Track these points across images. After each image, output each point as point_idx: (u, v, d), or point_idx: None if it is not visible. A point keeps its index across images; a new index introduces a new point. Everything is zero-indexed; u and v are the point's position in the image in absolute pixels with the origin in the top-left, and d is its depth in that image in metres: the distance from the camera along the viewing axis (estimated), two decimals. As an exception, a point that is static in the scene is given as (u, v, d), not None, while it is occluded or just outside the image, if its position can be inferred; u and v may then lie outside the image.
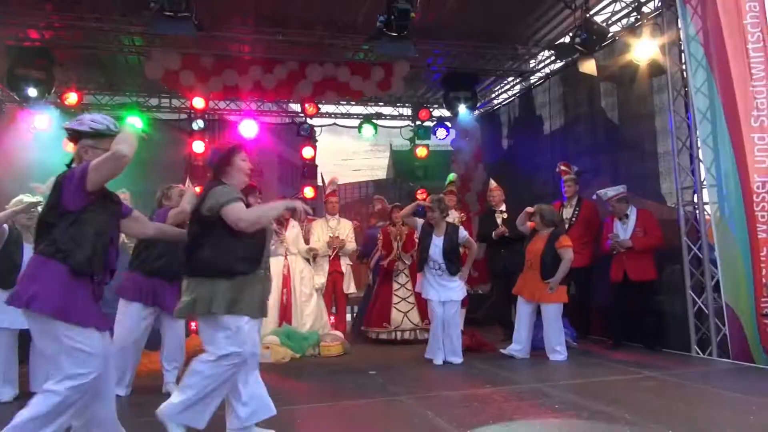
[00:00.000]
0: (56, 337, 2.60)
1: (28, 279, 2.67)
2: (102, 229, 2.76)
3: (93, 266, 2.71)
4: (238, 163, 3.19)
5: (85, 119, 2.90)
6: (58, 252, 2.64)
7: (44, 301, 2.58)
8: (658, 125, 6.29)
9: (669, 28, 6.04)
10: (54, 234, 2.68)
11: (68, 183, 2.70)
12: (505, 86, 9.87)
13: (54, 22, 7.04)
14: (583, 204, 6.78)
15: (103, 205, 2.81)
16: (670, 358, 5.56)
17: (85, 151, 2.83)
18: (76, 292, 2.66)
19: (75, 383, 2.58)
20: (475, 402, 4.05)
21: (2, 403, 4.35)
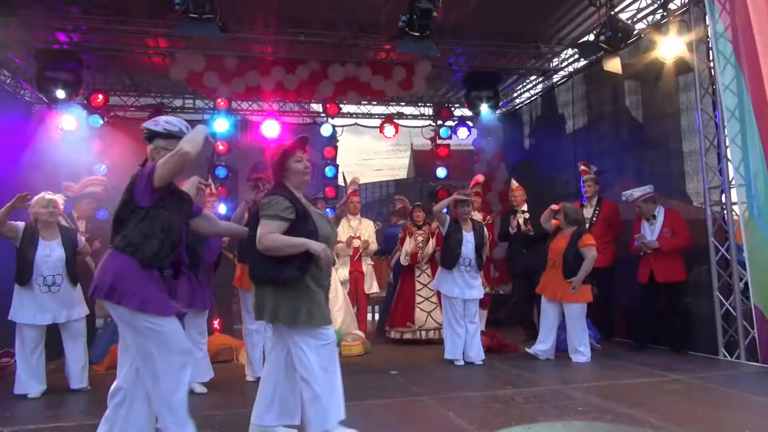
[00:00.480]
0: (139, 326, 2.76)
1: (104, 272, 2.81)
2: (170, 225, 2.89)
3: (160, 260, 2.85)
4: (293, 166, 3.21)
5: (160, 121, 3.04)
6: (128, 246, 2.79)
7: (122, 293, 2.74)
8: (684, 124, 6.18)
9: (696, 25, 5.93)
10: (126, 229, 2.83)
11: (139, 181, 2.85)
12: (527, 85, 9.79)
13: (81, 25, 7.17)
14: (604, 203, 6.73)
15: (172, 203, 2.94)
16: (696, 361, 5.47)
17: (157, 151, 2.96)
18: (150, 284, 2.81)
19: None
20: (496, 403, 4.03)
21: (30, 398, 4.46)
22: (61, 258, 4.60)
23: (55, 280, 4.56)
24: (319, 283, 3.12)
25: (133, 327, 2.78)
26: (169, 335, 2.80)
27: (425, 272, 7.10)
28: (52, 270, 4.56)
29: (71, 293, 4.68)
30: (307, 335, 3.04)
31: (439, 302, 6.81)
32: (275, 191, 3.16)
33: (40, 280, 4.52)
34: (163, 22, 7.01)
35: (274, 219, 3.02)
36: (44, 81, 7.32)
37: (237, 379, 5.03)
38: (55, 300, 4.58)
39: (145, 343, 2.78)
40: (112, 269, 2.79)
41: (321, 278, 3.14)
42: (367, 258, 7.31)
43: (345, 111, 10.27)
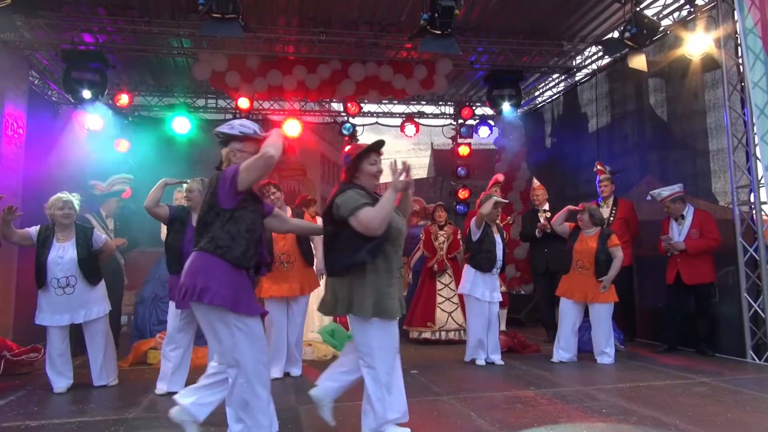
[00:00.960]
0: (228, 326, 2.85)
1: (195, 274, 2.87)
2: (252, 226, 2.98)
3: (248, 260, 2.94)
4: (366, 168, 3.25)
5: (235, 124, 3.12)
6: (218, 248, 2.87)
7: (214, 294, 2.81)
8: (711, 122, 6.06)
9: (724, 21, 5.82)
10: (212, 232, 2.91)
11: (222, 184, 2.92)
12: (549, 83, 9.70)
13: (107, 26, 7.28)
14: (620, 203, 6.66)
15: (252, 204, 3.02)
16: (723, 364, 5.37)
17: (233, 154, 3.06)
18: (240, 284, 2.90)
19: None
20: (518, 404, 3.99)
21: (57, 393, 4.54)
22: (73, 259, 4.59)
23: (68, 281, 4.57)
24: (391, 270, 3.14)
25: (225, 324, 2.86)
26: (256, 334, 2.91)
27: (447, 272, 7.07)
28: (66, 271, 4.56)
29: (88, 293, 4.67)
30: (376, 326, 3.07)
31: (460, 303, 6.79)
32: (346, 187, 3.19)
33: (54, 282, 4.54)
34: (186, 22, 7.10)
35: (364, 206, 3.03)
36: (71, 81, 7.45)
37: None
38: (71, 301, 4.59)
39: (235, 341, 2.85)
40: (203, 271, 2.86)
41: (393, 263, 3.16)
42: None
43: (366, 110, 10.30)
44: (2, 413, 3.95)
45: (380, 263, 3.08)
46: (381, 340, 3.07)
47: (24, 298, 6.08)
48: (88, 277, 4.67)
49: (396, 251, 3.19)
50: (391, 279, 3.12)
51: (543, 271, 6.88)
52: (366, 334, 3.08)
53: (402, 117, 10.27)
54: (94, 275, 4.73)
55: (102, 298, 4.79)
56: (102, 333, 4.77)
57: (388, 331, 3.10)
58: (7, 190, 6.38)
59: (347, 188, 3.15)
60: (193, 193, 4.55)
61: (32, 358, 5.44)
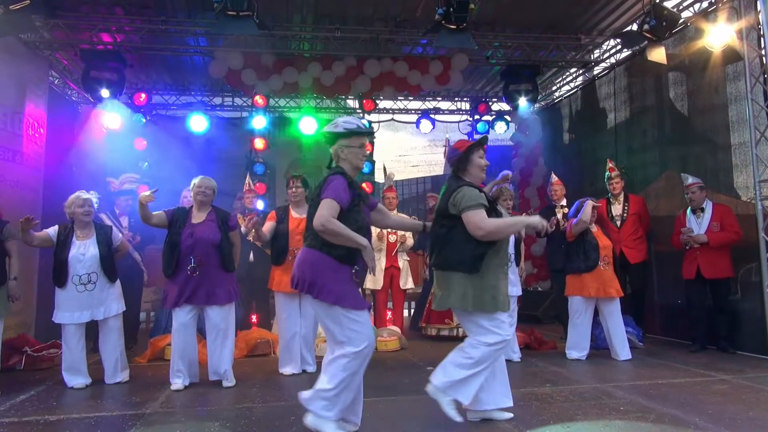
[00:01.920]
0: (337, 320, 3.02)
1: (304, 268, 3.06)
2: (362, 223, 3.12)
3: (353, 256, 3.05)
4: (476, 161, 3.38)
5: (339, 122, 3.22)
6: (324, 245, 3.02)
7: (321, 289, 3.00)
8: (733, 115, 5.94)
9: (747, 12, 5.69)
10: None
11: (333, 185, 3.05)
12: (567, 78, 9.59)
13: (124, 25, 7.37)
14: (631, 199, 6.60)
15: (358, 201, 3.13)
16: (744, 361, 5.26)
17: (341, 150, 3.18)
18: (345, 280, 3.04)
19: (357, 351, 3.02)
20: (534, 401, 3.96)
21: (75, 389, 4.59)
22: (95, 256, 4.66)
23: (90, 278, 4.62)
24: (502, 266, 3.34)
25: (332, 318, 3.02)
26: (361, 325, 3.04)
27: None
28: (87, 268, 4.63)
29: (108, 290, 4.73)
30: (487, 319, 3.27)
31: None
32: (460, 183, 3.33)
33: (76, 279, 4.60)
34: (202, 20, 7.16)
35: (479, 207, 3.21)
36: (89, 81, 7.54)
37: (274, 372, 5.08)
38: (92, 298, 4.64)
39: (342, 331, 3.02)
40: (311, 265, 3.03)
41: (503, 257, 3.37)
42: (404, 254, 7.27)
43: (381, 106, 10.26)
44: (23, 407, 4.01)
45: (493, 259, 3.26)
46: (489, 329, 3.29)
47: (45, 296, 6.17)
48: (109, 275, 4.74)
49: (506, 246, 3.41)
50: (501, 272, 3.33)
51: (560, 268, 6.79)
52: (479, 326, 3.29)
53: (418, 113, 10.24)
54: (113, 273, 4.80)
55: (119, 296, 4.85)
56: (117, 331, 4.82)
57: (496, 320, 3.30)
58: (29, 190, 6.50)
59: (462, 184, 3.31)
60: (208, 190, 4.61)
61: (52, 353, 5.53)
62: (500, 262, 3.32)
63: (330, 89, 8.32)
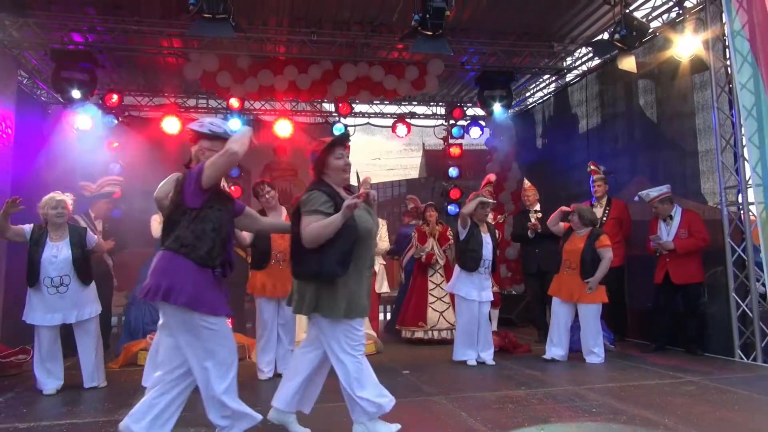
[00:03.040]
0: (193, 326, 2.84)
1: (158, 273, 2.86)
2: (219, 225, 2.96)
3: (213, 260, 2.92)
4: (333, 163, 3.25)
5: (205, 122, 3.11)
6: (182, 247, 2.85)
7: (178, 294, 2.79)
8: (700, 123, 6.11)
9: (713, 23, 5.87)
10: (178, 230, 2.89)
11: (188, 182, 2.91)
12: (540, 84, 9.74)
13: (96, 25, 7.23)
14: (613, 203, 6.70)
15: (219, 203, 3.00)
16: (711, 363, 5.41)
17: (202, 152, 3.05)
18: (204, 284, 2.87)
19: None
20: (509, 404, 4.01)
21: (46, 395, 4.51)
22: (68, 258, 4.58)
23: (62, 280, 4.55)
24: (360, 271, 3.15)
25: (188, 326, 2.85)
26: (220, 334, 2.89)
27: (438, 272, 7.09)
28: (59, 270, 4.55)
29: (81, 293, 4.66)
30: (344, 325, 3.09)
31: (451, 302, 6.81)
32: (314, 186, 3.21)
33: (48, 281, 4.52)
34: (177, 22, 7.08)
35: (313, 213, 3.06)
36: (60, 81, 7.38)
37: (249, 377, 5.04)
38: (64, 300, 4.57)
39: (199, 341, 2.84)
40: (167, 270, 2.85)
41: (362, 266, 3.17)
42: (379, 257, 7.30)
43: (357, 110, 10.28)
44: (-10, 415, 3.92)
45: (350, 268, 3.09)
46: (347, 338, 3.11)
47: (12, 300, 6.04)
48: (82, 277, 4.66)
49: (366, 252, 3.19)
50: (361, 279, 3.14)
51: (534, 272, 6.91)
52: (335, 333, 3.09)
53: (393, 117, 10.27)
54: (87, 275, 4.72)
55: (94, 298, 4.78)
56: (93, 334, 4.75)
57: (353, 329, 3.13)
58: (-4, 191, 6.34)
59: (315, 188, 3.17)
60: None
61: (21, 359, 5.40)
62: (358, 267, 3.12)
63: (306, 93, 8.30)
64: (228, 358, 2.93)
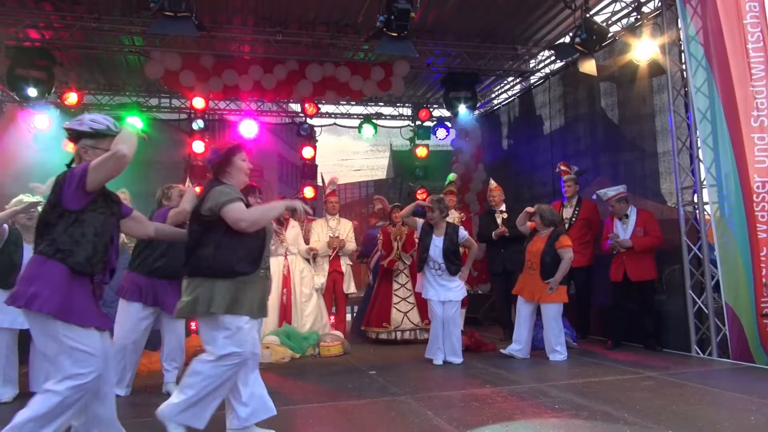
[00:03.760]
0: (56, 337, 2.59)
1: (27, 279, 2.65)
2: (102, 229, 2.77)
3: (93, 266, 2.71)
4: (238, 163, 3.19)
5: (85, 119, 2.90)
6: (57, 252, 2.64)
7: (44, 301, 2.57)
8: (658, 125, 6.28)
9: (669, 28, 6.04)
10: (54, 234, 2.68)
11: (68, 183, 2.70)
12: (504, 86, 9.88)
13: (54, 22, 7.04)
14: (583, 204, 6.80)
15: (103, 205, 2.82)
16: (669, 358, 5.56)
17: (84, 151, 2.84)
18: (76, 292, 2.66)
19: (75, 383, 2.58)
20: (474, 402, 4.05)
21: (2, 403, 4.35)
22: None
23: None
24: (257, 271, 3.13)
25: (50, 335, 2.60)
26: (89, 346, 2.63)
27: (403, 272, 7.11)
28: None
29: None
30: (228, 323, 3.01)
31: (416, 303, 6.86)
32: (215, 184, 3.12)
33: None
34: (138, 19, 6.93)
35: (236, 201, 3.01)
36: (15, 79, 7.16)
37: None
38: None
39: (59, 350, 2.60)
40: (38, 277, 2.62)
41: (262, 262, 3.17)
42: (346, 258, 7.29)
43: (323, 111, 10.26)
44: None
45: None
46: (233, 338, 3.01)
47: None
48: None
49: (266, 251, 3.19)
50: (254, 277, 3.11)
51: (500, 271, 6.99)
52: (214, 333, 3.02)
53: (360, 118, 10.28)
54: None
55: None
56: None
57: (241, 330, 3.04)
58: (-54, 192, 6.10)
59: (216, 185, 3.11)
60: None
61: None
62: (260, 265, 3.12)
63: (271, 93, 8.24)
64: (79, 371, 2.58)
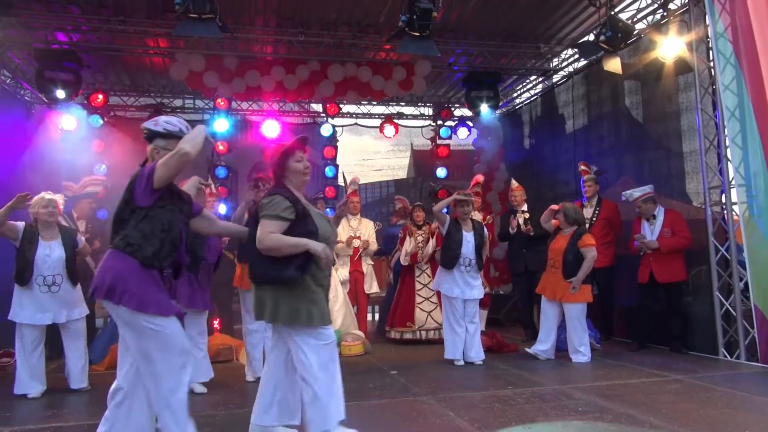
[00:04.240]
0: (139, 327, 2.75)
1: (104, 272, 2.80)
2: (169, 226, 2.88)
3: (160, 260, 2.84)
4: (293, 166, 3.22)
5: (160, 120, 3.04)
6: (128, 246, 2.79)
7: (122, 293, 2.72)
8: (684, 124, 6.18)
9: (696, 25, 5.94)
10: (126, 229, 2.83)
11: (139, 181, 2.85)
12: (527, 85, 9.79)
13: (81, 24, 7.17)
14: (604, 203, 6.73)
15: (172, 203, 2.94)
16: (696, 361, 5.47)
17: (157, 151, 2.97)
18: (149, 284, 2.79)
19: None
20: (496, 403, 4.03)
21: (30, 398, 4.46)
22: (61, 258, 4.59)
23: (55, 279, 4.55)
24: (318, 282, 3.12)
25: (133, 327, 2.76)
26: (169, 335, 2.77)
27: (425, 272, 7.10)
28: (52, 270, 4.55)
29: (71, 293, 4.67)
30: (307, 335, 3.04)
31: (439, 302, 6.81)
32: (275, 191, 3.16)
33: (40, 279, 4.52)
34: (162, 22, 7.03)
35: (275, 219, 3.02)
36: (44, 81, 7.31)
37: (237, 378, 5.03)
38: (55, 300, 4.57)
39: (146, 343, 2.75)
40: (112, 269, 2.77)
41: (320, 278, 3.14)
42: (367, 258, 7.30)
43: (345, 111, 10.29)
44: (-27, 420, 3.87)
45: (307, 277, 3.05)
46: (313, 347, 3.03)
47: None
48: (72, 278, 4.68)
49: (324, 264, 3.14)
50: (318, 288, 3.11)
51: (521, 271, 6.94)
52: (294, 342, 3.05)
53: (381, 118, 10.28)
54: (76, 276, 4.73)
55: (82, 299, 4.78)
56: (82, 335, 4.76)
57: (318, 338, 3.06)
58: (-22, 192, 6.26)
59: (279, 192, 3.13)
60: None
61: (4, 362, 5.34)
62: (313, 274, 3.08)
63: (293, 93, 8.29)
64: (176, 359, 2.79)
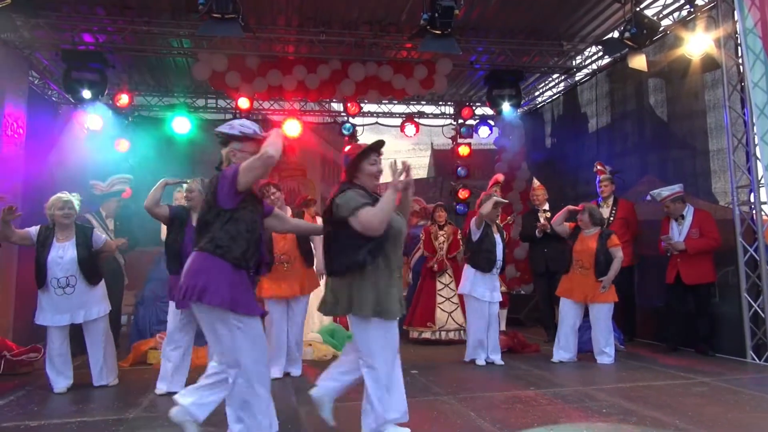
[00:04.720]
0: (228, 326, 2.86)
1: (195, 274, 2.88)
2: (252, 226, 2.99)
3: (247, 260, 2.95)
4: (366, 168, 3.24)
5: (235, 124, 3.13)
6: (218, 248, 2.88)
7: (214, 294, 2.82)
8: (711, 122, 6.06)
9: (724, 21, 5.81)
10: (212, 232, 2.92)
11: (221, 185, 2.94)
12: (549, 83, 9.69)
13: (107, 26, 7.29)
14: (620, 203, 6.67)
15: (252, 204, 3.03)
16: (723, 364, 5.37)
17: (233, 154, 3.07)
18: (239, 285, 2.90)
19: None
20: (518, 404, 3.99)
21: (57, 393, 4.54)
22: (74, 259, 4.58)
23: (69, 281, 4.56)
24: (391, 270, 3.13)
25: (225, 324, 2.87)
26: (257, 334, 2.93)
27: (447, 272, 7.07)
28: (66, 271, 4.56)
29: (88, 293, 4.66)
30: (376, 326, 3.06)
31: (460, 303, 6.79)
32: (347, 186, 3.19)
33: (54, 282, 4.54)
34: (186, 22, 7.11)
35: (364, 206, 3.03)
36: (70, 81, 7.45)
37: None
38: (71, 301, 4.58)
39: (235, 341, 2.87)
40: (203, 271, 2.86)
41: (393, 265, 3.15)
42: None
43: (366, 110, 10.30)
44: (2, 413, 3.95)
45: (380, 263, 3.07)
46: (381, 340, 3.07)
47: (24, 299, 6.08)
48: (88, 277, 4.66)
49: (396, 251, 3.19)
50: (392, 279, 3.12)
51: (542, 271, 6.88)
52: (366, 334, 3.08)
53: (402, 117, 10.27)
54: (94, 275, 4.72)
55: (102, 298, 4.79)
56: (101, 333, 4.77)
57: (388, 331, 3.10)
58: (8, 191, 6.39)
59: (347, 188, 3.16)
60: (194, 193, 4.54)
61: (32, 358, 5.44)
62: (389, 266, 3.11)
63: (315, 92, 8.31)
64: (261, 357, 2.95)
